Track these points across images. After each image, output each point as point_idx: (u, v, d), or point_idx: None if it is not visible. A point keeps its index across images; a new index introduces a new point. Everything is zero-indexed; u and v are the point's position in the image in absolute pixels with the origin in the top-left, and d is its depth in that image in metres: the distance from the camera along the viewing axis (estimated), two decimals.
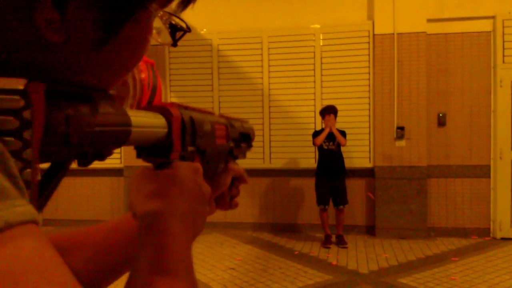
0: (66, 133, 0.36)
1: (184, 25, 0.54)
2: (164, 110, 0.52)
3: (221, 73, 6.77)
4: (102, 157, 0.43)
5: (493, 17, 6.06)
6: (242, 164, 0.80)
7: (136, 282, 0.43)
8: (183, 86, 6.88)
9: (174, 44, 0.55)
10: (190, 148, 0.56)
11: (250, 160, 6.48)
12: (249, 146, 0.82)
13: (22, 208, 0.29)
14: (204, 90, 6.81)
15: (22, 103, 0.32)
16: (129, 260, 0.63)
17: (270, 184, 6.69)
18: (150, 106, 0.52)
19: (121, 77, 0.48)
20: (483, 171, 6.18)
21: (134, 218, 0.50)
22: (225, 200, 0.78)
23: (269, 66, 6.63)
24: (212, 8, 6.67)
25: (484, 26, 6.12)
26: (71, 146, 0.37)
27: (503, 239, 6.04)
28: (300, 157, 6.58)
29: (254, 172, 6.36)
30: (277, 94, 6.62)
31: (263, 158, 6.66)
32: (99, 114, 0.40)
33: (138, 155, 0.53)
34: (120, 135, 0.44)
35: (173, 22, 0.53)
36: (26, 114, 0.32)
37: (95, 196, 7.13)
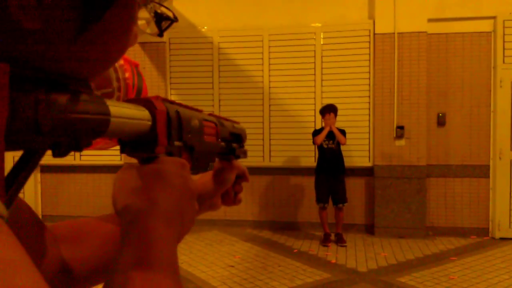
0: (35, 118, 0.34)
1: (171, 15, 0.51)
2: (147, 102, 0.50)
3: (221, 71, 6.78)
4: (78, 148, 0.40)
5: (494, 18, 6.06)
6: (242, 161, 0.82)
7: (116, 278, 0.40)
8: (184, 84, 6.88)
9: (161, 34, 0.52)
10: (177, 143, 0.54)
11: (250, 158, 6.47)
12: (241, 147, 0.81)
13: None
14: (204, 88, 6.82)
15: None
16: None
17: (270, 182, 6.71)
18: (133, 99, 0.50)
19: (102, 69, 0.45)
20: (482, 171, 6.19)
21: (117, 215, 0.48)
22: (230, 196, 0.80)
23: (269, 64, 6.64)
24: (213, 6, 6.68)
25: (485, 26, 6.13)
26: (42, 132, 0.34)
27: (502, 239, 6.06)
28: (300, 155, 6.59)
29: (254, 170, 6.37)
30: (277, 92, 6.62)
31: (263, 156, 6.67)
32: (74, 100, 0.38)
33: (122, 150, 0.51)
34: (98, 124, 0.41)
35: (159, 11, 0.50)
36: None
37: (95, 192, 7.14)
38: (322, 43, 6.50)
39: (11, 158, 0.47)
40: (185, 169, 0.51)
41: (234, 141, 0.78)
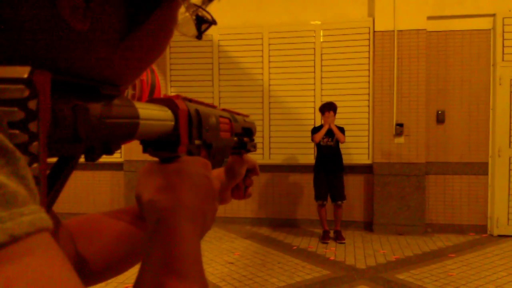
0: (74, 125, 0.34)
1: (209, 17, 0.53)
2: (170, 102, 0.50)
3: (221, 68, 6.79)
4: (110, 151, 0.41)
5: (493, 15, 6.07)
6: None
7: (147, 280, 0.41)
8: (184, 81, 6.89)
9: (199, 36, 0.53)
10: (197, 142, 0.55)
11: (249, 155, 6.50)
12: (251, 140, 0.81)
13: (30, 216, 0.26)
14: (204, 85, 6.82)
15: (27, 92, 0.29)
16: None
17: (269, 180, 6.72)
18: (156, 99, 0.50)
19: (142, 70, 0.46)
20: (481, 169, 6.21)
21: (142, 213, 0.49)
22: (241, 190, 0.81)
23: (269, 62, 6.64)
24: (212, 3, 6.66)
25: (484, 24, 6.13)
26: (80, 139, 0.34)
27: (500, 236, 6.07)
28: (299, 153, 6.60)
29: None
30: (277, 90, 6.63)
31: (263, 154, 6.68)
32: (108, 105, 0.38)
33: (145, 150, 0.51)
34: (129, 128, 0.42)
35: (200, 14, 0.51)
36: (32, 104, 0.29)
37: (95, 189, 7.15)
38: (321, 40, 6.51)
39: None
40: (207, 169, 0.52)
41: (245, 135, 0.78)
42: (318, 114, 6.13)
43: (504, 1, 6.03)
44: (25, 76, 0.29)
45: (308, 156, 6.52)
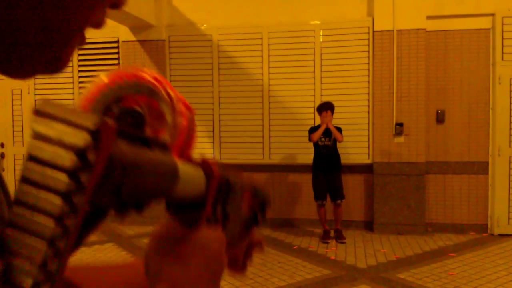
0: (120, 182, 0.32)
1: None
2: (206, 165, 0.48)
3: (221, 68, 6.79)
4: (141, 210, 0.37)
5: (493, 15, 6.07)
6: (242, 159, 0.80)
7: None
8: (184, 82, 6.88)
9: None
10: (218, 211, 0.53)
11: (250, 155, 6.51)
12: (263, 215, 0.73)
13: None
14: (204, 85, 6.82)
15: (89, 142, 0.28)
16: None
17: (269, 179, 6.72)
18: (192, 159, 0.48)
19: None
20: (481, 168, 6.21)
21: (149, 280, 0.47)
22: (238, 262, 0.74)
23: (269, 62, 6.64)
24: (212, 4, 6.68)
25: (484, 23, 6.13)
26: (121, 196, 0.33)
27: (500, 235, 6.07)
28: (299, 152, 6.60)
29: (253, 167, 6.39)
30: (277, 90, 6.63)
31: (263, 154, 6.68)
32: (153, 164, 0.37)
33: (168, 208, 0.49)
34: (166, 186, 0.40)
35: None
36: (90, 155, 0.28)
37: None
38: (321, 40, 6.51)
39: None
40: (222, 244, 0.50)
41: (260, 210, 0.73)
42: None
43: (503, 1, 6.04)
44: (92, 127, 0.29)
45: (308, 156, 6.50)
